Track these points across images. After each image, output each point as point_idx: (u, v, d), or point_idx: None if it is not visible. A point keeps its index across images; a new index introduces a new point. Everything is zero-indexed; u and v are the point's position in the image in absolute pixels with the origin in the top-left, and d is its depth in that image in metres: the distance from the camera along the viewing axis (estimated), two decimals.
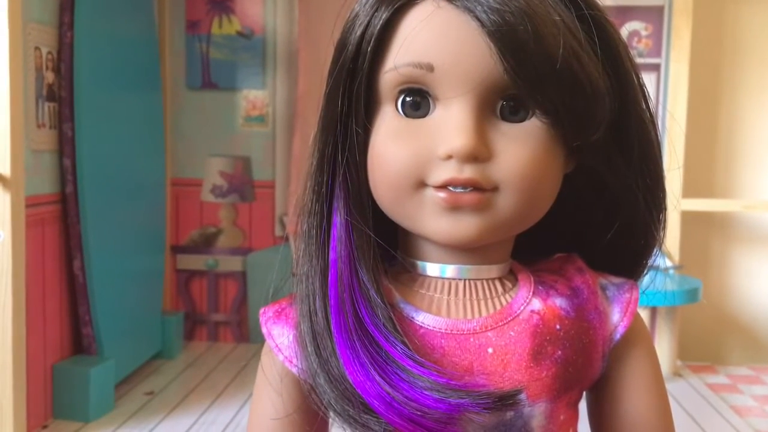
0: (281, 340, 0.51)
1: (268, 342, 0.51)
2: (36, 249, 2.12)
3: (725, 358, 3.05)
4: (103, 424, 2.20)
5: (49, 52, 2.21)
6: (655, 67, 2.92)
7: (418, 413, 0.43)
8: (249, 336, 3.11)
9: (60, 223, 2.26)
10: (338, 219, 0.48)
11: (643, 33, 2.92)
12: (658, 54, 2.92)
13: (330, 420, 0.50)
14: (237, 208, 3.11)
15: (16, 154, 1.87)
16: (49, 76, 2.21)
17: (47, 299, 2.19)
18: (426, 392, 0.43)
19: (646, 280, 0.56)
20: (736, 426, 2.28)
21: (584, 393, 0.53)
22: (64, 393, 2.21)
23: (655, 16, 2.91)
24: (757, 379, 2.82)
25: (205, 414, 2.30)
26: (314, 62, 2.94)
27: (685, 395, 2.55)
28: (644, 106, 0.50)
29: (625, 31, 2.91)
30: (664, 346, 2.76)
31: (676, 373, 2.78)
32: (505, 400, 0.44)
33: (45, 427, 2.16)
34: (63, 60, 2.24)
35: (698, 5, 2.85)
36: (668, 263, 2.76)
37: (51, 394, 2.21)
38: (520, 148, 0.45)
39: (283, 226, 3.09)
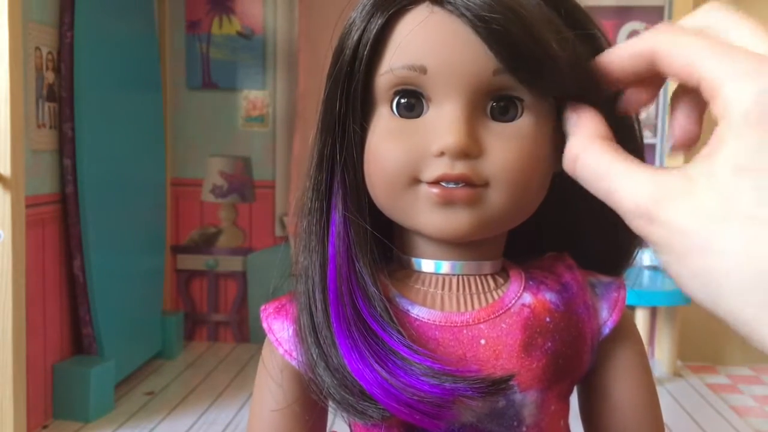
0: (281, 334, 0.52)
1: (269, 336, 0.53)
2: (36, 249, 2.12)
3: (725, 358, 3.05)
4: (103, 424, 2.20)
5: (49, 52, 2.21)
6: None
7: (415, 398, 0.44)
8: (249, 336, 3.11)
9: (60, 223, 2.26)
10: (337, 216, 0.50)
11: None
12: None
13: (329, 410, 0.52)
14: (237, 208, 3.11)
15: (16, 154, 1.87)
16: (49, 76, 2.22)
17: (47, 299, 2.19)
18: (422, 378, 0.45)
19: (645, 280, 0.56)
20: (736, 426, 2.28)
21: (575, 388, 0.54)
22: (64, 393, 2.21)
23: (655, 16, 2.91)
24: (757, 379, 2.82)
25: (205, 414, 2.31)
26: (314, 62, 2.94)
27: (685, 395, 2.55)
28: None
29: (624, 31, 2.92)
30: (664, 346, 2.76)
31: (676, 373, 2.78)
32: (498, 384, 0.46)
33: (45, 427, 2.17)
34: (63, 60, 2.24)
35: (698, 5, 2.84)
36: None
37: (51, 394, 2.22)
38: (510, 145, 0.46)
39: (283, 226, 3.09)
